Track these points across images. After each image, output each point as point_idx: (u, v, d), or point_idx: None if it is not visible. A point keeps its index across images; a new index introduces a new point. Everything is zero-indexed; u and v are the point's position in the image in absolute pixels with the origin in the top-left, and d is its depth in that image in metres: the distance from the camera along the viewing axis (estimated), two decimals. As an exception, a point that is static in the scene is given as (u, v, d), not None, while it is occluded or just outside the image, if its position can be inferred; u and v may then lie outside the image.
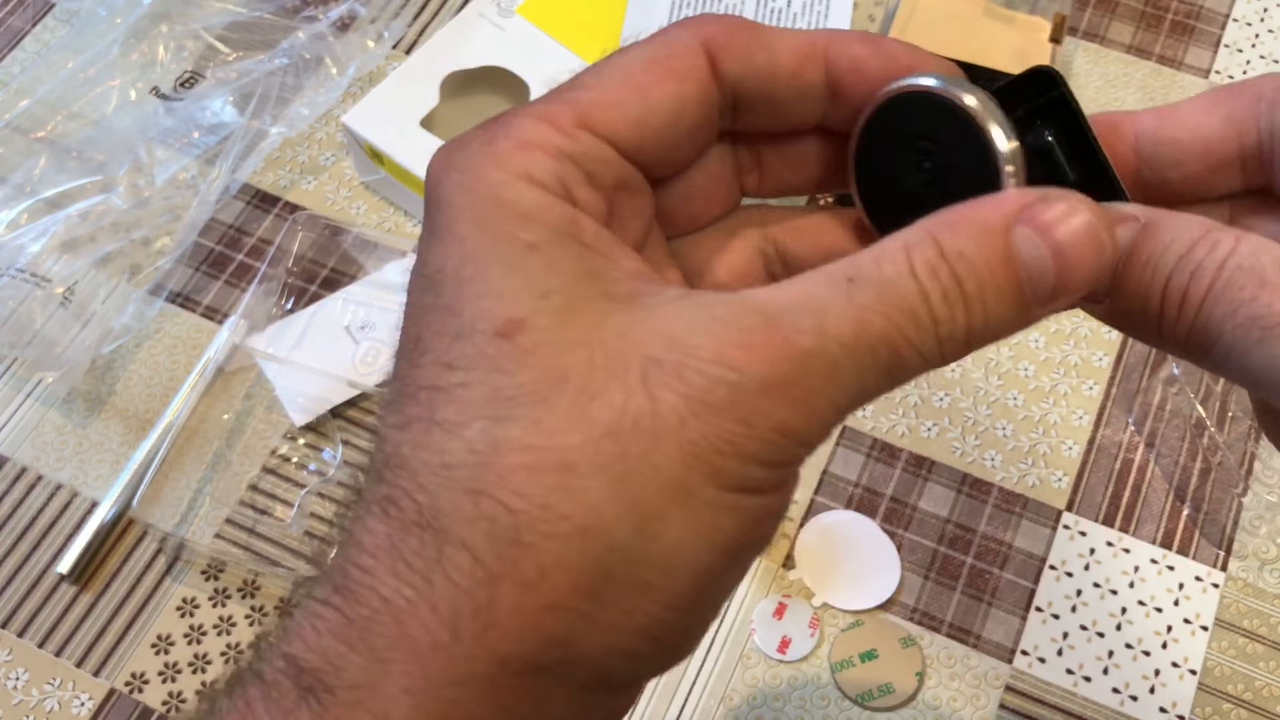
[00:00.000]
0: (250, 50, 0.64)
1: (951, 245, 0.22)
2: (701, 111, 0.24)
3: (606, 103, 0.24)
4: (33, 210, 0.58)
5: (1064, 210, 0.22)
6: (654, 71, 0.24)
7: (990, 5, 0.62)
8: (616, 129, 0.24)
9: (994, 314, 0.22)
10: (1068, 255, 0.22)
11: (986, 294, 0.22)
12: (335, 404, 0.55)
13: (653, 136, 0.24)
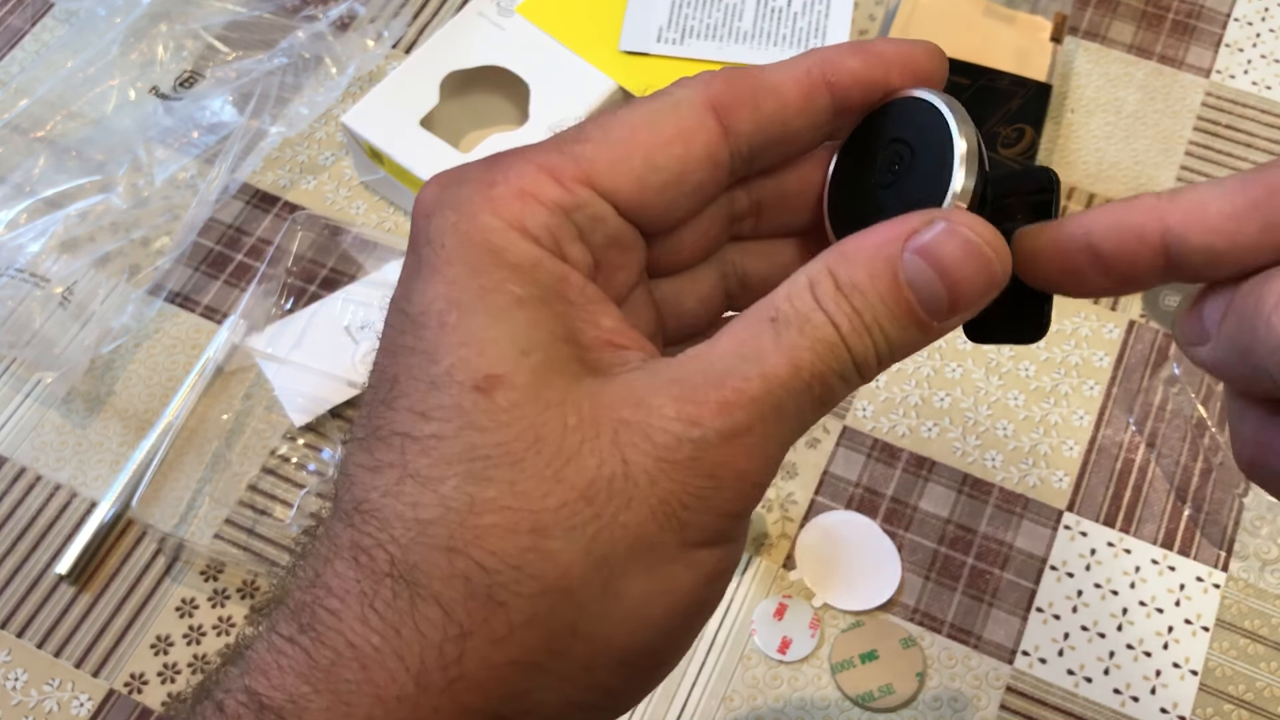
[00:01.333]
0: (250, 50, 0.64)
1: (846, 278, 0.23)
2: (706, 171, 0.24)
3: (610, 160, 0.24)
4: (32, 210, 0.58)
5: (944, 231, 0.23)
6: (661, 132, 0.24)
7: (991, 5, 0.62)
8: (617, 187, 0.24)
9: (896, 338, 0.23)
10: (954, 275, 0.23)
11: (884, 322, 0.23)
12: (335, 404, 0.55)
13: (653, 196, 0.24)
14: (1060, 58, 0.63)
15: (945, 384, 0.56)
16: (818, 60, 0.25)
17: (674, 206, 0.25)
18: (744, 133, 0.25)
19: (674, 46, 0.59)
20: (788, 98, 0.25)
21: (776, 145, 0.25)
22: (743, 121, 0.24)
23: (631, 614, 0.23)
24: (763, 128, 0.25)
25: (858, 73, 0.25)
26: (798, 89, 0.25)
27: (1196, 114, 0.64)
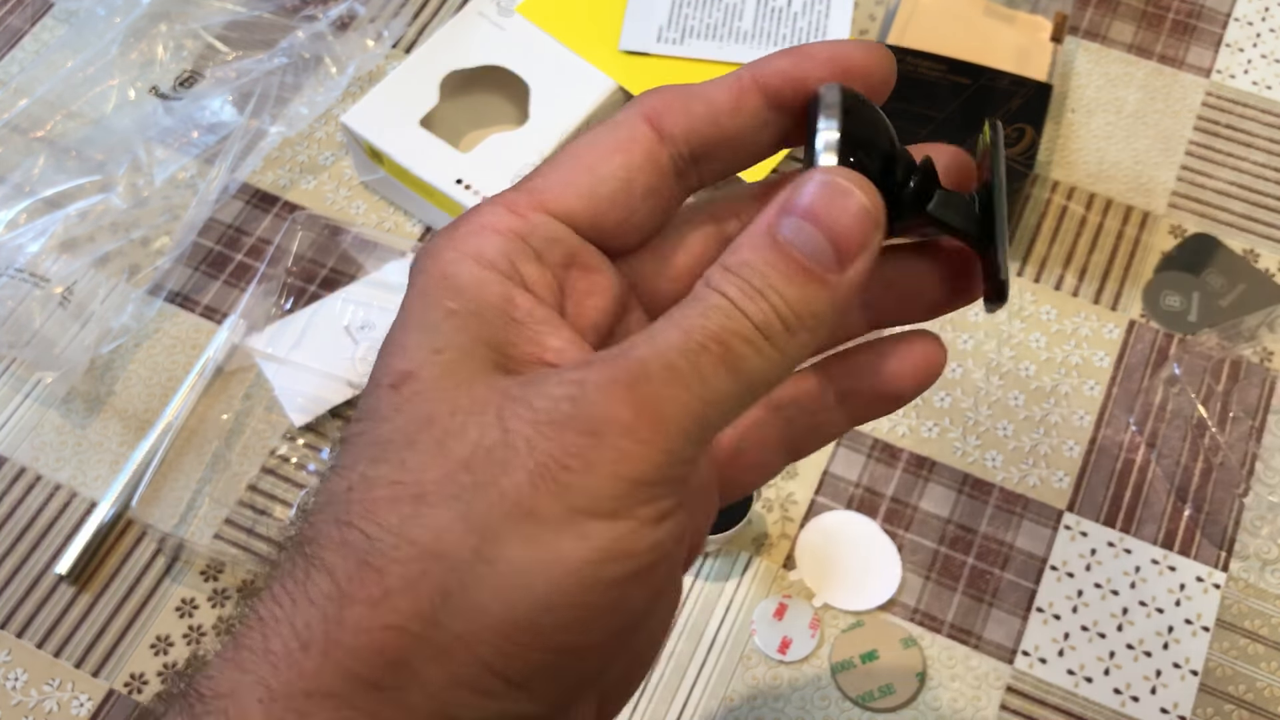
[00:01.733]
0: (249, 50, 0.64)
1: (733, 260, 0.24)
2: (651, 174, 0.26)
3: (559, 183, 0.26)
4: (32, 210, 0.58)
5: (806, 184, 0.24)
6: (600, 148, 0.26)
7: (991, 4, 0.62)
8: (568, 205, 0.25)
9: (793, 296, 0.24)
10: (826, 220, 0.24)
11: (776, 283, 0.24)
12: (334, 404, 0.55)
13: (605, 207, 0.26)
14: (1060, 57, 0.63)
15: (945, 384, 0.56)
16: (750, 65, 0.26)
17: (630, 213, 0.26)
18: (678, 135, 0.26)
19: (674, 46, 0.59)
20: (717, 100, 0.26)
21: (718, 146, 0.26)
22: (675, 125, 0.26)
23: (507, 583, 0.22)
24: (695, 129, 0.26)
25: (786, 71, 0.26)
26: (727, 92, 0.26)
27: (1197, 114, 0.64)
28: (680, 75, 0.59)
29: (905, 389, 0.28)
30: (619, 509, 0.23)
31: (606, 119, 0.26)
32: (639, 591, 0.23)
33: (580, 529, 0.22)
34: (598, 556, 0.22)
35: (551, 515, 0.22)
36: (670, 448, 0.23)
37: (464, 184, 0.55)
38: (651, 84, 0.61)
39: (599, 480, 0.22)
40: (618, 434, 0.22)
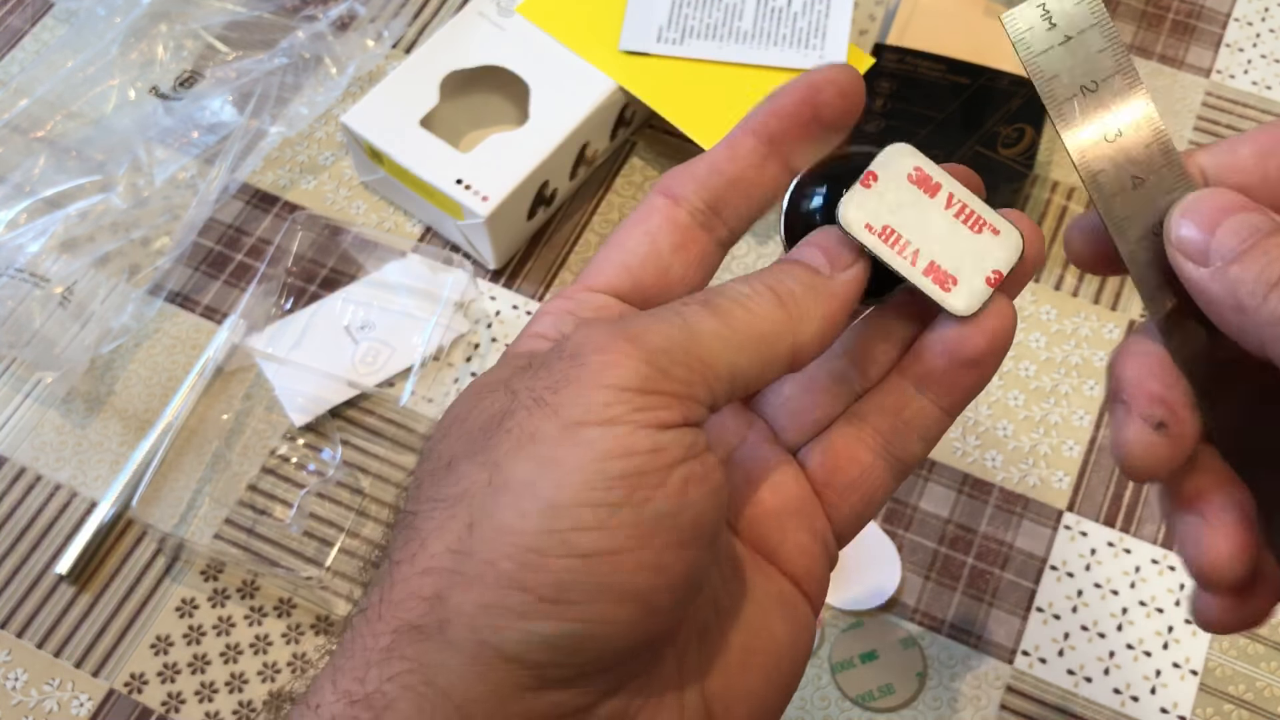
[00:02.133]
0: (249, 50, 0.64)
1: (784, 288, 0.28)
2: (673, 233, 0.29)
3: (598, 263, 0.29)
4: (32, 210, 0.58)
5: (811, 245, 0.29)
6: (626, 226, 0.30)
7: (991, 4, 0.62)
8: (606, 279, 0.29)
9: (781, 274, 0.28)
10: (830, 250, 0.29)
11: (766, 273, 0.28)
12: (335, 404, 0.55)
13: (638, 271, 0.29)
14: (1060, 58, 0.63)
15: (945, 384, 0.56)
16: (741, 120, 0.30)
17: (663, 272, 0.29)
18: (688, 193, 0.29)
19: (674, 46, 0.59)
20: (714, 154, 0.29)
21: (726, 191, 0.29)
22: (683, 186, 0.29)
23: (518, 498, 0.24)
24: (701, 182, 0.29)
25: (768, 110, 0.29)
26: (723, 145, 0.29)
27: (1197, 114, 0.64)
28: (680, 75, 0.59)
29: (980, 348, 0.29)
30: (613, 416, 0.24)
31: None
32: (649, 493, 0.24)
33: (577, 437, 0.24)
34: (596, 455, 0.24)
35: (550, 432, 0.24)
36: (651, 359, 0.25)
37: (464, 184, 0.56)
38: (651, 84, 0.62)
39: (585, 391, 0.24)
40: (596, 351, 0.25)
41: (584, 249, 0.60)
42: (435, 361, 0.57)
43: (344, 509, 0.53)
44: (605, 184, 0.62)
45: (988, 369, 0.29)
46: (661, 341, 0.25)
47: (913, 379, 0.30)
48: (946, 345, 0.29)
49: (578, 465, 0.24)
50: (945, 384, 0.29)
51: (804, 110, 0.29)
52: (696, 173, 0.29)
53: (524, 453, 0.24)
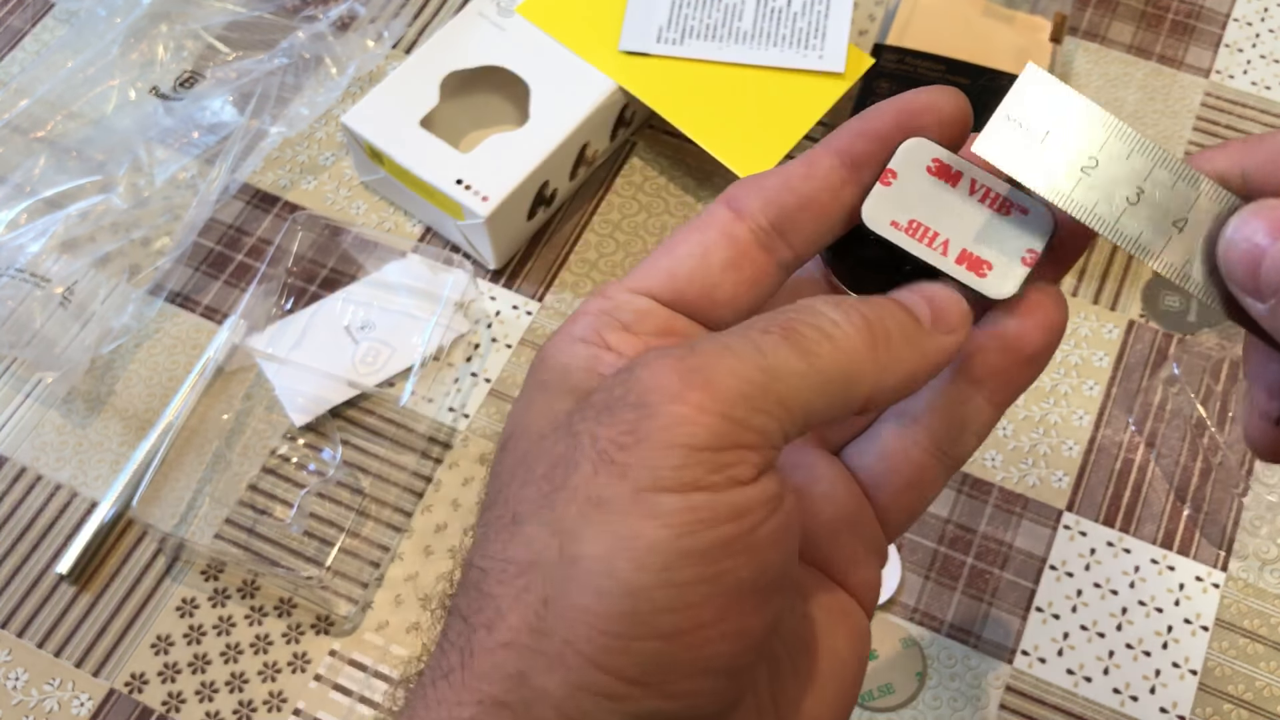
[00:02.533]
0: (250, 50, 0.64)
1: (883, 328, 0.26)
2: (728, 249, 0.27)
3: (645, 266, 0.28)
4: (32, 210, 0.58)
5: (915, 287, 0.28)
6: (681, 232, 0.28)
7: (990, 5, 0.62)
8: (649, 283, 0.27)
9: (873, 309, 0.26)
10: (939, 306, 0.27)
11: (855, 304, 0.26)
12: (335, 404, 0.55)
13: (684, 282, 0.27)
14: (1060, 58, 0.63)
15: (945, 384, 0.56)
16: (824, 139, 0.28)
17: (710, 288, 0.27)
18: (754, 208, 0.27)
19: (674, 46, 0.60)
20: (789, 169, 0.27)
21: (797, 211, 0.27)
22: (749, 200, 0.27)
23: (594, 576, 0.22)
24: (770, 199, 0.27)
25: (855, 129, 0.28)
26: (800, 161, 0.27)
27: (1196, 114, 0.64)
28: (680, 75, 0.59)
29: (1038, 344, 0.28)
30: (688, 481, 0.22)
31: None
32: (735, 562, 0.23)
33: (649, 506, 0.22)
34: (673, 531, 0.22)
35: (619, 499, 0.22)
36: (727, 411, 0.23)
37: (464, 184, 0.56)
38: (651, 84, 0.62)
39: (655, 452, 0.22)
40: (665, 401, 0.22)
41: (584, 249, 0.60)
42: (435, 361, 0.57)
43: (344, 509, 0.53)
44: (605, 184, 0.62)
45: (1044, 362, 0.29)
46: (738, 386, 0.23)
47: (968, 378, 0.29)
48: (1005, 343, 0.28)
49: (655, 543, 0.22)
50: (1002, 381, 0.29)
51: (896, 135, 0.27)
52: (766, 186, 0.27)
53: (594, 521, 0.22)
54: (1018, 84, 0.28)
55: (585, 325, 0.27)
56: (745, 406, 0.23)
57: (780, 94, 0.58)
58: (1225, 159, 0.27)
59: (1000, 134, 0.28)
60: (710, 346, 0.23)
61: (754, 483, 0.23)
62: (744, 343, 0.24)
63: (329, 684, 0.50)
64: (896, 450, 0.29)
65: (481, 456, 0.55)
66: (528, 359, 0.57)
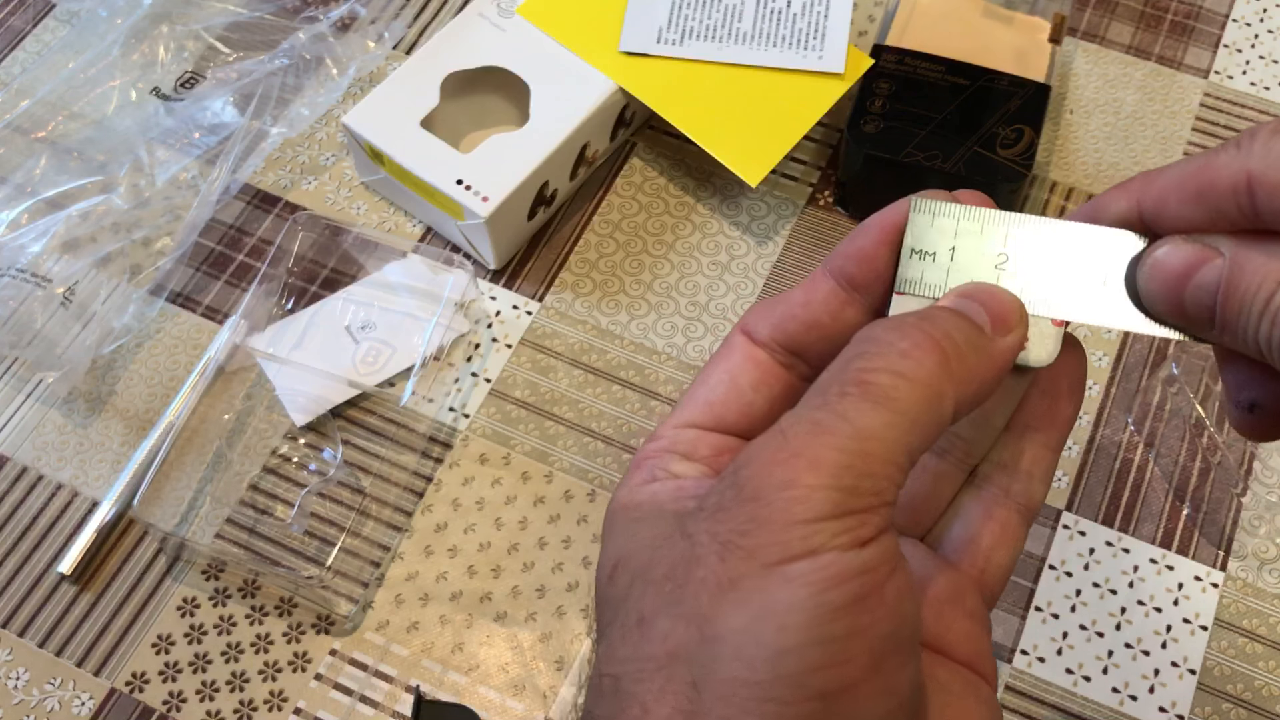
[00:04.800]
0: (250, 51, 0.64)
1: (862, 334, 0.27)
2: (753, 372, 0.30)
3: (687, 401, 0.30)
4: (33, 210, 0.58)
5: (960, 289, 0.29)
6: (711, 364, 0.30)
7: (990, 5, 0.62)
8: (693, 415, 0.30)
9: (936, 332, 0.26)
10: (995, 309, 0.28)
11: (909, 328, 0.27)
12: (335, 404, 0.55)
13: (720, 408, 0.30)
14: (1059, 58, 0.63)
15: (944, 384, 0.56)
16: (826, 260, 0.30)
17: (746, 407, 0.30)
18: (766, 336, 0.30)
19: (674, 47, 0.60)
20: (792, 297, 0.30)
21: (805, 334, 0.29)
22: (761, 329, 0.30)
23: (741, 648, 0.23)
24: (778, 325, 0.30)
25: (846, 252, 0.29)
26: (801, 289, 0.29)
27: (1195, 114, 0.64)
28: (680, 76, 0.59)
29: (1071, 375, 0.31)
30: (812, 547, 0.23)
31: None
32: (873, 616, 0.23)
33: (782, 575, 0.23)
34: (812, 590, 0.23)
35: (751, 576, 0.23)
36: (837, 484, 0.23)
37: (464, 184, 0.56)
38: (651, 85, 0.62)
39: (778, 531, 0.23)
40: (778, 489, 0.24)
41: (584, 249, 0.60)
42: (436, 361, 0.57)
43: (345, 508, 0.53)
44: (605, 184, 0.62)
45: (1080, 394, 0.31)
46: (839, 459, 0.24)
47: (1018, 428, 0.30)
48: (1041, 387, 0.30)
49: (794, 604, 0.23)
50: (1048, 420, 0.31)
51: (884, 252, 0.29)
52: (773, 315, 0.30)
53: (730, 600, 0.23)
54: (910, 219, 0.29)
55: (649, 468, 0.29)
56: (851, 475, 0.24)
57: (780, 94, 0.58)
58: (1123, 201, 0.28)
59: (913, 270, 0.29)
60: (801, 429, 0.24)
61: (875, 541, 0.24)
62: (829, 416, 0.24)
63: (329, 683, 0.50)
64: (977, 514, 0.31)
65: (481, 456, 0.55)
66: (528, 359, 0.57)
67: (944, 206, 0.29)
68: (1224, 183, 0.26)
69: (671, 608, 0.24)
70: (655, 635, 0.24)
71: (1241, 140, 0.26)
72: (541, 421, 0.55)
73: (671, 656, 0.23)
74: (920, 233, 0.29)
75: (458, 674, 0.50)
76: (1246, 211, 0.26)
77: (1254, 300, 0.26)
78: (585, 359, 0.57)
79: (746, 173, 0.57)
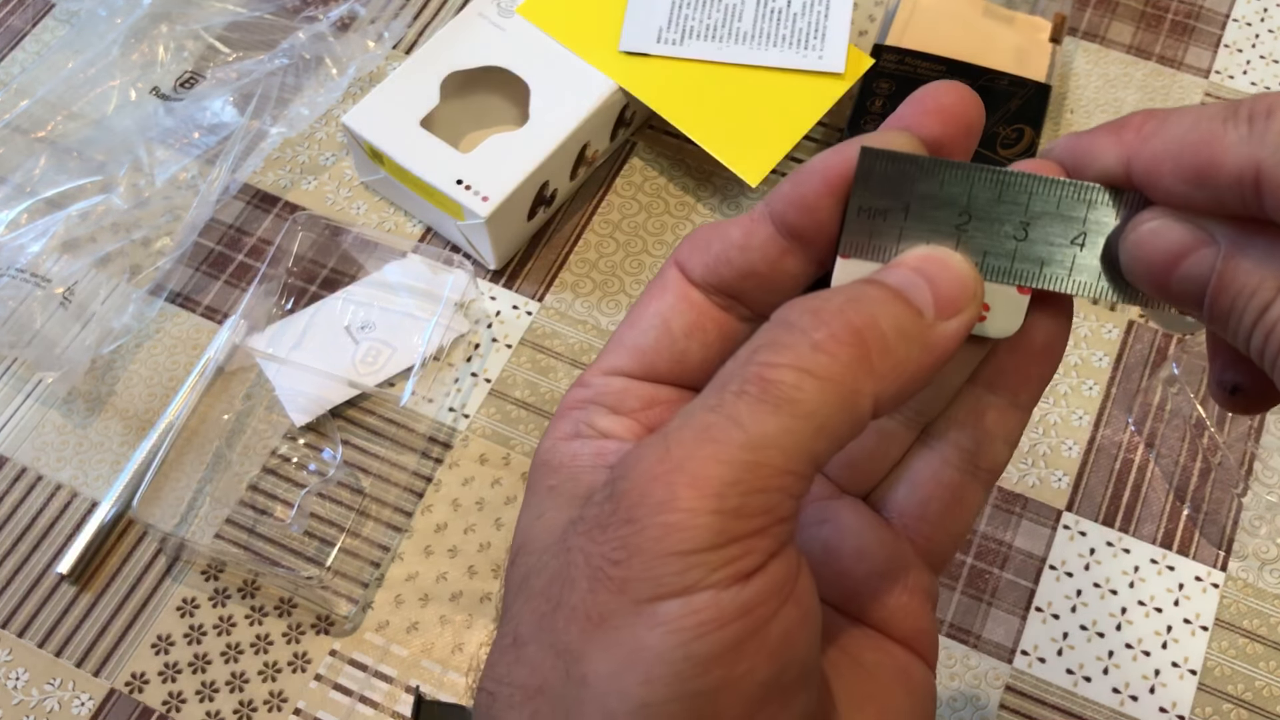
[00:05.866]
0: (250, 50, 0.64)
1: (776, 314, 0.24)
2: (688, 314, 0.26)
3: (612, 346, 0.27)
4: (33, 210, 0.58)
5: (909, 258, 0.25)
6: (641, 303, 0.27)
7: (990, 5, 0.62)
8: (620, 361, 0.27)
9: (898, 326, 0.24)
10: (944, 287, 0.24)
11: (826, 316, 0.23)
12: (335, 404, 0.55)
13: (652, 353, 0.26)
14: (1059, 58, 0.63)
15: (945, 384, 0.56)
16: (767, 196, 0.26)
17: (679, 354, 0.26)
18: (702, 275, 0.26)
19: (674, 47, 0.60)
20: (730, 235, 0.26)
21: (742, 280, 0.26)
22: (696, 266, 0.26)
23: (605, 696, 0.21)
24: (713, 267, 0.26)
25: (787, 195, 0.26)
26: (739, 227, 0.26)
27: (1195, 114, 0.64)
28: (680, 76, 0.59)
29: (1045, 333, 0.27)
30: (686, 584, 0.21)
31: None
32: (750, 664, 0.21)
33: (651, 617, 0.21)
34: (681, 638, 0.21)
35: (619, 613, 0.21)
36: (719, 506, 0.21)
37: (464, 184, 0.56)
38: (651, 84, 0.61)
39: (651, 562, 0.21)
40: (654, 512, 0.21)
41: (584, 249, 0.60)
42: (435, 361, 0.57)
43: (345, 509, 0.53)
44: (605, 184, 0.62)
45: (1057, 354, 0.27)
46: (725, 473, 0.21)
47: (982, 383, 0.28)
48: (1011, 342, 0.27)
49: (662, 653, 0.20)
50: (1018, 381, 0.27)
51: (826, 200, 0.25)
52: (708, 254, 0.26)
53: (597, 640, 0.21)
54: (857, 172, 0.25)
55: (573, 420, 0.26)
56: (738, 493, 0.21)
57: (780, 94, 0.58)
58: (1112, 153, 0.25)
59: (860, 229, 0.26)
60: (687, 435, 0.22)
61: (761, 571, 0.21)
62: (720, 419, 0.22)
63: (329, 684, 0.50)
64: (926, 477, 0.28)
65: (481, 456, 0.55)
66: (528, 359, 0.57)
67: (896, 157, 0.25)
68: (1229, 168, 0.22)
69: (543, 635, 0.22)
70: (526, 662, 0.22)
71: (1255, 116, 0.22)
72: (541, 421, 0.55)
73: (539, 690, 0.22)
74: (869, 188, 0.25)
75: (458, 674, 0.50)
76: (1251, 205, 0.23)
77: (1247, 306, 0.23)
78: (585, 359, 0.57)
79: (747, 173, 0.57)
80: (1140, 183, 0.25)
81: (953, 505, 0.28)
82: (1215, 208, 0.23)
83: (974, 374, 0.28)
